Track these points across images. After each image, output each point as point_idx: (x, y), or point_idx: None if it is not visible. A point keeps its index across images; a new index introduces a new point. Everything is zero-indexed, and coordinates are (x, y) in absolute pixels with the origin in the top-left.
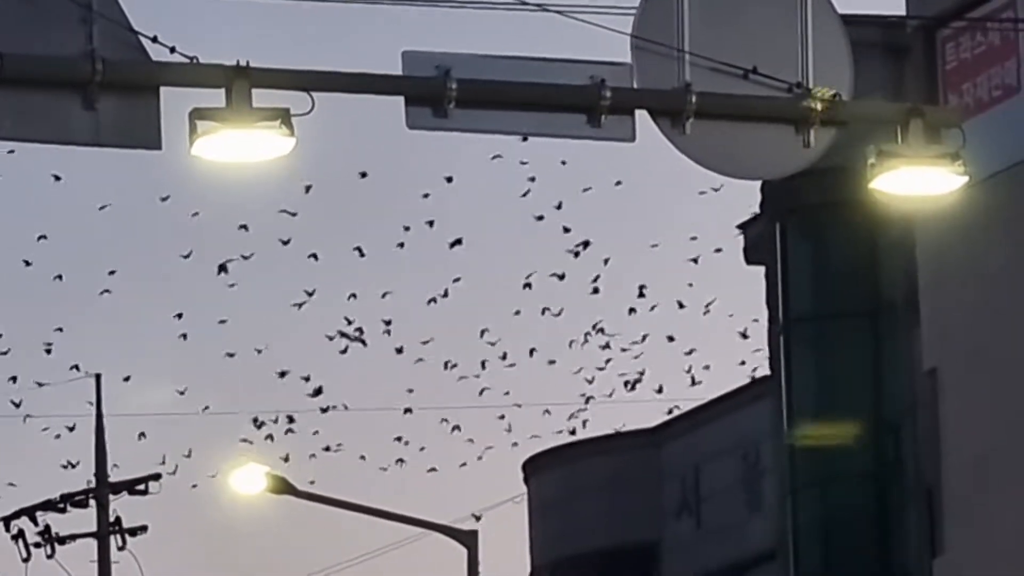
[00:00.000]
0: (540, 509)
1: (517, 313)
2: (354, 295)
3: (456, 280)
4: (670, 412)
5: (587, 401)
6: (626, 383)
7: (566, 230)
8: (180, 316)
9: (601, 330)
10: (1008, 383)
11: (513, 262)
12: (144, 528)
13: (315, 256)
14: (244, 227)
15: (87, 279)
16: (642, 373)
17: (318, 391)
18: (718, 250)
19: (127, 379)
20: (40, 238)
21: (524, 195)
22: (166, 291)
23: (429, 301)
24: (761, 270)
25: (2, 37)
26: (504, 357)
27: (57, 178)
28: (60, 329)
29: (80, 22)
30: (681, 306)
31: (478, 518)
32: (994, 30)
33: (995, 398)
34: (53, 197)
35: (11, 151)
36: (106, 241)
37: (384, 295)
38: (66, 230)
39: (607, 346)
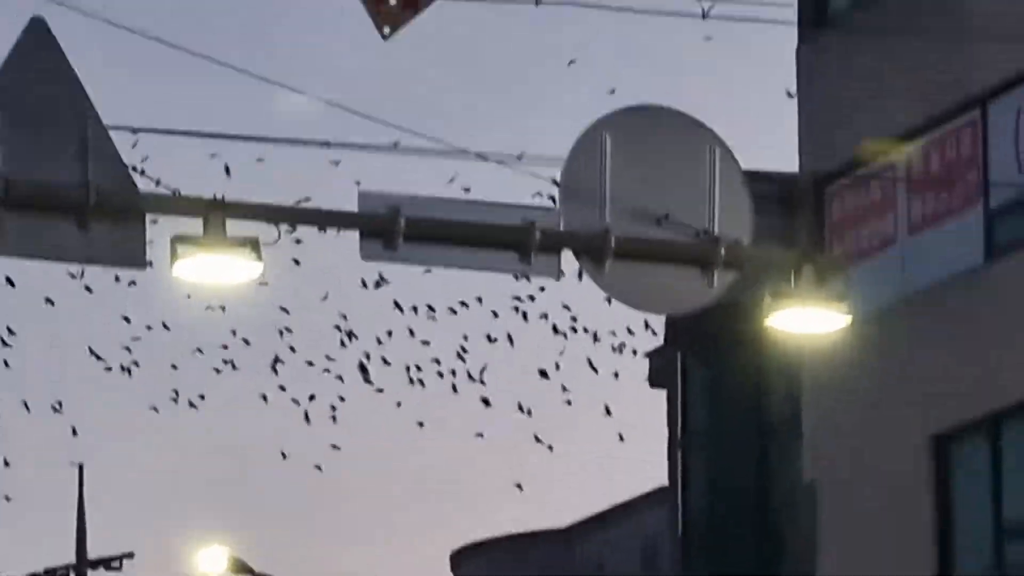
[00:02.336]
0: None
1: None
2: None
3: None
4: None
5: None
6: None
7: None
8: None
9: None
10: (878, 493)
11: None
12: None
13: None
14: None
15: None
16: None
17: None
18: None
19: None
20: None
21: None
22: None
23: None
24: (663, 393)
25: (9, 164)
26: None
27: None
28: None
29: (78, 155)
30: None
31: None
32: (875, 187)
33: (867, 506)
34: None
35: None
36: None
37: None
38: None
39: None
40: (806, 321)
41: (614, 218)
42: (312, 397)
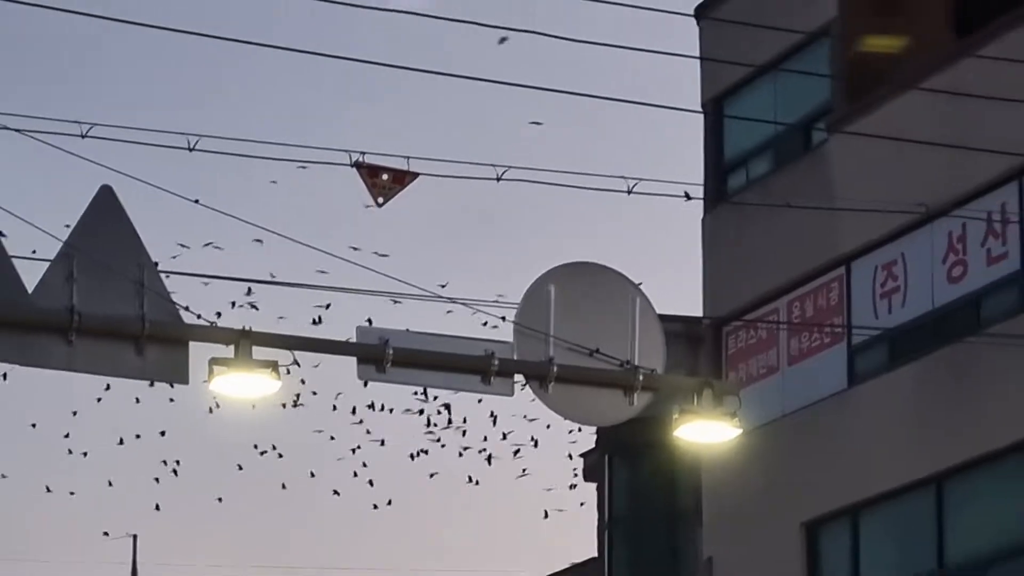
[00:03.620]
0: None
1: None
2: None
3: None
4: None
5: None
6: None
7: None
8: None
9: None
10: (762, 568)
11: None
12: None
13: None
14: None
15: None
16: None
17: None
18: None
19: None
20: None
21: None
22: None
23: None
24: (594, 485)
25: (82, 301)
26: None
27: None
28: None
29: (136, 295)
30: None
31: None
32: (762, 328)
33: None
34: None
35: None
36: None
37: None
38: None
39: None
40: (706, 432)
41: (556, 351)
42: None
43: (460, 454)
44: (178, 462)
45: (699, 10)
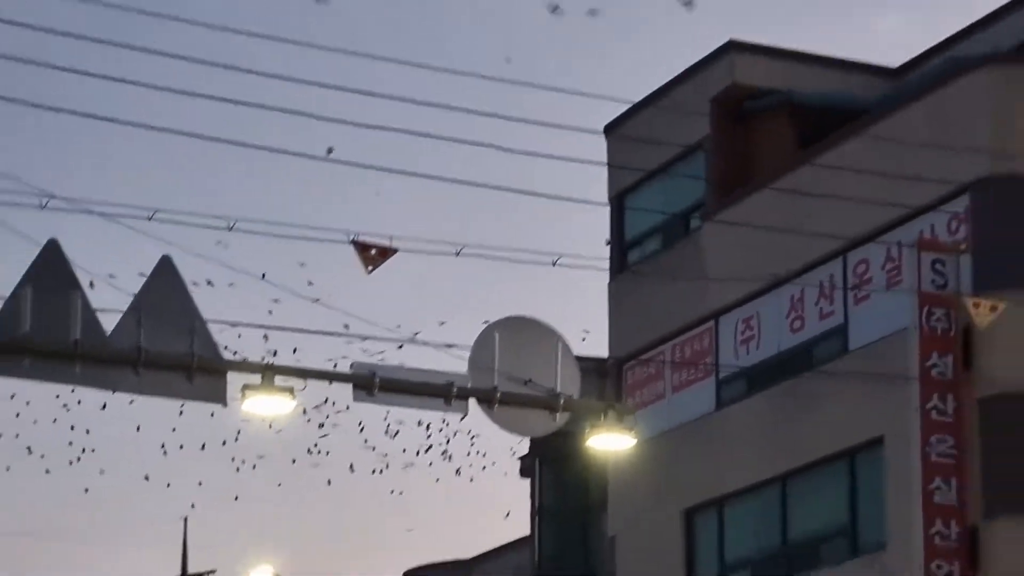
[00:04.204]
0: None
1: None
2: None
3: None
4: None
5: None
6: None
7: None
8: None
9: None
10: (653, 543)
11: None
12: None
13: None
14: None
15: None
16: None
17: None
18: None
19: None
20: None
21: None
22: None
23: None
24: (528, 481)
25: (147, 341)
26: None
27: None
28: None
29: (187, 337)
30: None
31: None
32: (652, 366)
33: (644, 551)
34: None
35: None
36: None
37: None
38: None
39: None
40: (610, 443)
41: (500, 381)
42: None
43: (431, 463)
44: (250, 461)
45: (607, 128)
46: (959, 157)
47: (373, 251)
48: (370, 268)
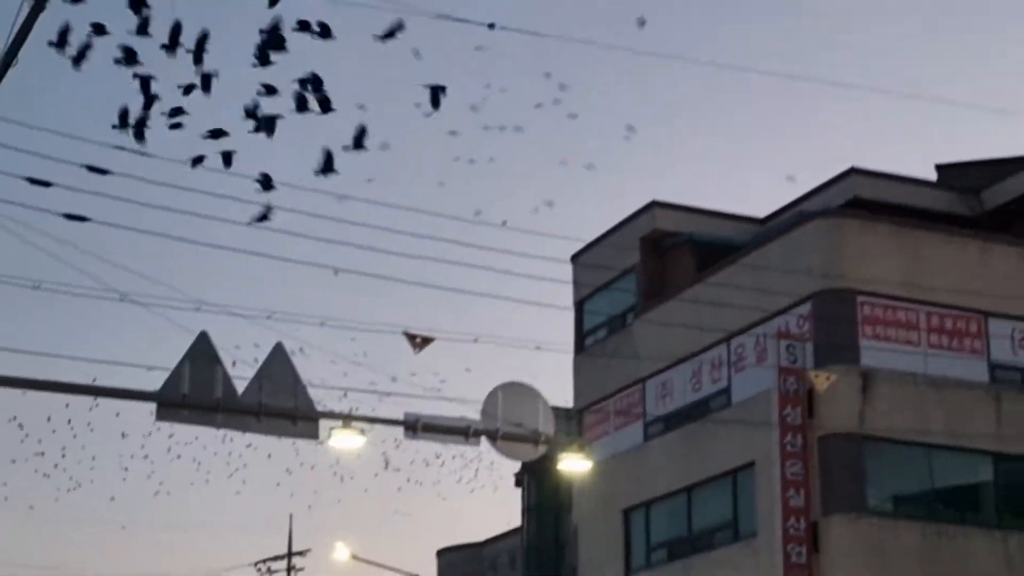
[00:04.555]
0: None
1: None
2: None
3: None
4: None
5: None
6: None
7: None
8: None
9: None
10: (606, 532)
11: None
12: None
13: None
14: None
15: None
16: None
17: None
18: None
19: None
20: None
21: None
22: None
23: None
24: (520, 489)
25: (265, 397)
26: None
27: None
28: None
29: (292, 394)
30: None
31: None
32: (604, 413)
33: (598, 538)
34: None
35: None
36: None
37: None
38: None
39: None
40: (574, 464)
41: (501, 424)
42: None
43: (459, 479)
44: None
45: (573, 257)
46: (804, 278)
47: (418, 339)
48: (417, 351)
